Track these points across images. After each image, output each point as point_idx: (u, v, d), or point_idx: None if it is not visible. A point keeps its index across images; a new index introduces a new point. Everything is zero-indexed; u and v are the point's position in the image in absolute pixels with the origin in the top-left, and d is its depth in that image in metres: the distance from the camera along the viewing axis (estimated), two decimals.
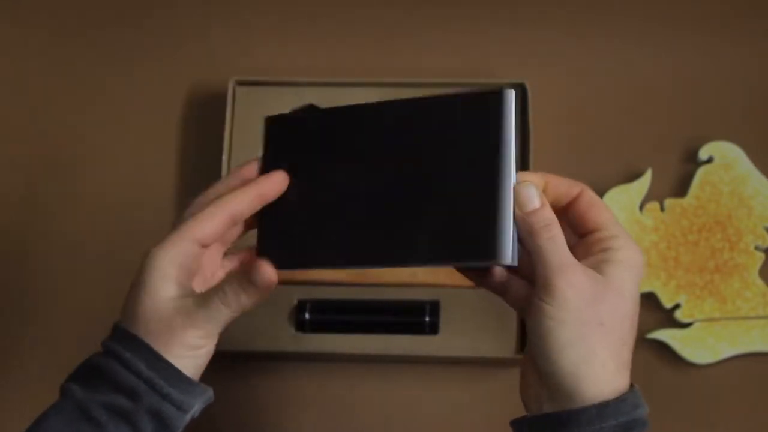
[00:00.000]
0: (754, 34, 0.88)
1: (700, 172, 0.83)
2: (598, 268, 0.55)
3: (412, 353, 0.78)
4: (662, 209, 0.82)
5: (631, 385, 0.56)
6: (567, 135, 0.85)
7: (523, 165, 0.82)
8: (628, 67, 0.87)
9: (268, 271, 0.56)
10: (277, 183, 0.59)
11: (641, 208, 0.82)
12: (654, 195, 0.82)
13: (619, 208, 0.82)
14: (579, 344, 0.53)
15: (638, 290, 0.56)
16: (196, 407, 0.56)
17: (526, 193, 0.55)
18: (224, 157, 0.82)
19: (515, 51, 0.88)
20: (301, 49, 0.89)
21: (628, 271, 0.55)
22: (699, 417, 0.79)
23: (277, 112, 0.83)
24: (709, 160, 0.83)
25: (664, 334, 0.80)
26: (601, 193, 0.82)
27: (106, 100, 0.88)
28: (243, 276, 0.56)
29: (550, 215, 0.55)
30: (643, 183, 0.82)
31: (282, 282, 0.80)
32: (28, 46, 0.90)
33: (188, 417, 0.56)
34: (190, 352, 0.56)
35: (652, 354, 0.80)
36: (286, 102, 0.84)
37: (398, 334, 0.78)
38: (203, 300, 0.56)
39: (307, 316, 0.79)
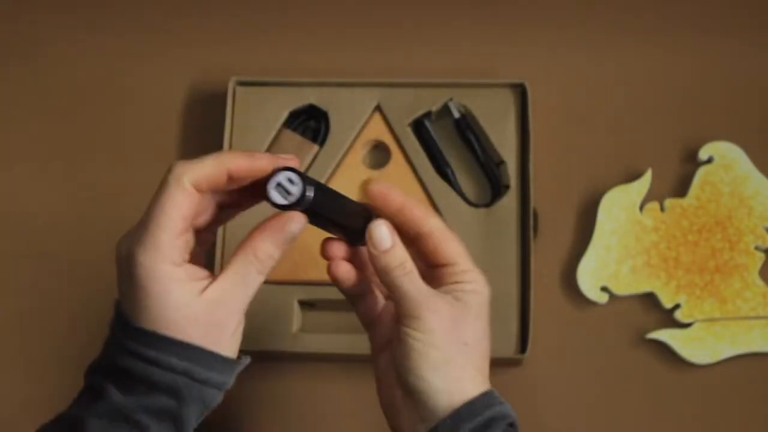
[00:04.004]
0: (754, 33, 0.88)
1: (700, 172, 0.83)
2: (453, 295, 0.60)
3: None
4: (662, 209, 0.82)
5: (488, 390, 0.60)
6: (567, 135, 0.85)
7: (523, 165, 0.82)
8: (628, 67, 0.87)
9: (301, 220, 0.55)
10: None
11: (641, 208, 0.82)
12: (654, 195, 0.82)
13: (619, 208, 0.82)
14: (450, 363, 0.58)
15: (488, 315, 0.62)
16: (232, 380, 0.56)
17: (378, 233, 0.59)
18: None
19: (515, 51, 0.88)
20: (301, 49, 0.89)
21: (479, 298, 0.61)
22: (699, 417, 0.79)
23: (277, 112, 0.84)
24: (709, 160, 0.83)
25: (664, 334, 0.80)
26: (601, 193, 0.82)
27: (105, 100, 0.88)
28: (278, 233, 0.55)
29: (402, 253, 0.59)
30: (643, 183, 0.82)
31: (282, 282, 0.81)
32: (27, 44, 0.90)
33: (224, 391, 0.56)
34: (233, 338, 0.56)
35: (652, 354, 0.80)
36: (286, 102, 0.84)
37: None
38: (236, 280, 0.55)
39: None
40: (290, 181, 0.53)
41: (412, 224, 0.61)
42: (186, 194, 0.54)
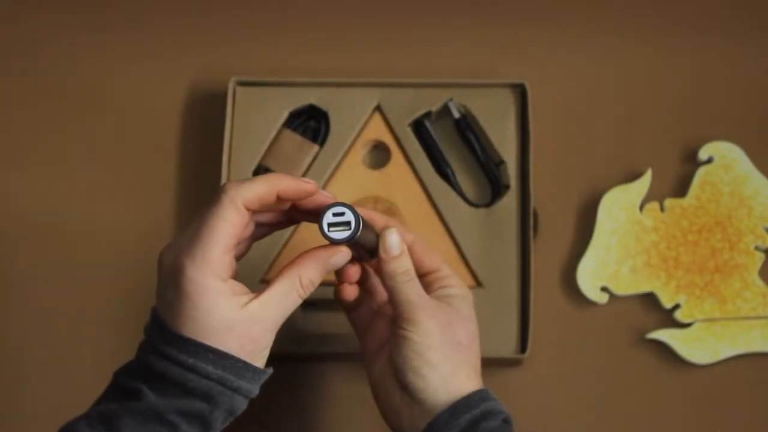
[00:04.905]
0: (754, 33, 0.88)
1: (700, 173, 0.83)
2: (445, 301, 0.65)
3: None
4: (662, 209, 0.82)
5: (483, 388, 0.64)
6: (567, 135, 0.85)
7: (523, 165, 0.82)
8: (628, 67, 0.87)
9: (347, 254, 0.60)
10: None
11: (641, 208, 0.82)
12: (654, 195, 0.82)
13: (619, 208, 0.82)
14: (447, 361, 0.62)
15: (475, 316, 0.67)
16: (257, 390, 0.59)
17: (391, 240, 0.64)
18: (224, 158, 0.82)
19: (515, 51, 0.88)
20: (301, 49, 0.89)
21: (467, 301, 0.67)
22: (699, 417, 0.79)
23: (277, 112, 0.84)
24: (709, 161, 0.83)
25: (664, 334, 0.80)
26: (601, 193, 0.82)
27: (105, 100, 0.88)
28: (324, 263, 0.59)
29: (408, 261, 0.64)
30: (643, 183, 0.82)
31: None
32: (27, 44, 0.90)
33: (249, 399, 0.59)
34: (264, 352, 0.59)
35: (652, 354, 0.80)
36: (286, 102, 0.84)
37: None
38: (278, 300, 0.58)
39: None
40: (336, 214, 0.58)
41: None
42: (238, 214, 0.57)
